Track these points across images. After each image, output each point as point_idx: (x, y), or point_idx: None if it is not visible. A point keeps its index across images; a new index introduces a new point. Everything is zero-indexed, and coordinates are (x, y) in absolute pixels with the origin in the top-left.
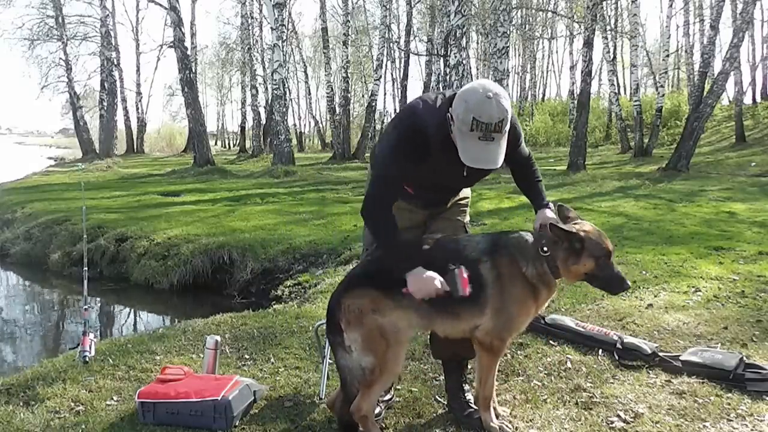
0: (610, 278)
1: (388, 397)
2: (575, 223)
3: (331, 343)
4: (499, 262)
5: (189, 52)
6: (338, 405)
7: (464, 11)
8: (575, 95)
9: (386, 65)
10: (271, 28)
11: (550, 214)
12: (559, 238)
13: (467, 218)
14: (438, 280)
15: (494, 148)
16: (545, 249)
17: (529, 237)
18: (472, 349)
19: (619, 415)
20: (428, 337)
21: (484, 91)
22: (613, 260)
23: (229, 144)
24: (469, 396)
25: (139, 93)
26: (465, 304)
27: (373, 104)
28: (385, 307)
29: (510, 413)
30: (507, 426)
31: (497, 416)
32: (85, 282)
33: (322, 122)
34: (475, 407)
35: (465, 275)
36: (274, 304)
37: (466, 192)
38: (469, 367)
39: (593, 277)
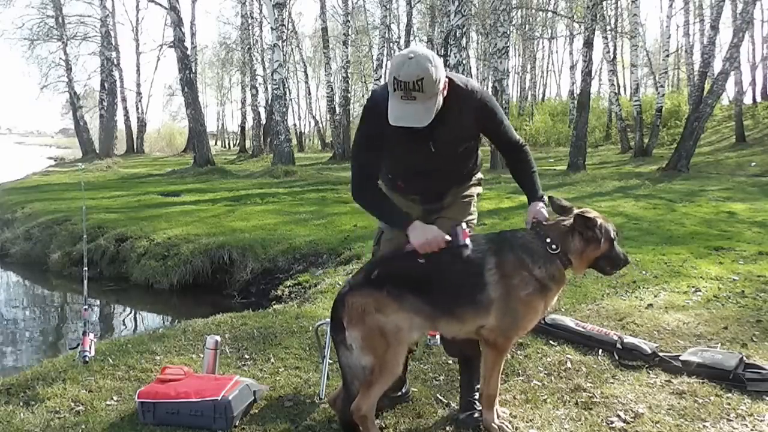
0: (616, 257)
1: (404, 390)
2: (582, 211)
3: (333, 340)
4: (505, 263)
5: (189, 52)
6: (339, 403)
7: (464, 11)
8: (575, 95)
9: (386, 65)
10: (271, 28)
11: (541, 207)
12: (583, 228)
13: (474, 215)
14: (438, 230)
15: (417, 107)
16: (554, 246)
17: (536, 235)
18: (479, 348)
19: (619, 415)
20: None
21: (407, 53)
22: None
23: (229, 144)
24: (476, 395)
25: (139, 93)
26: (468, 306)
27: None
28: (387, 308)
29: (510, 413)
30: (507, 426)
31: (497, 416)
32: (85, 282)
33: (322, 122)
34: (478, 408)
35: (466, 229)
36: (274, 304)
37: (472, 189)
38: None
39: (603, 258)
